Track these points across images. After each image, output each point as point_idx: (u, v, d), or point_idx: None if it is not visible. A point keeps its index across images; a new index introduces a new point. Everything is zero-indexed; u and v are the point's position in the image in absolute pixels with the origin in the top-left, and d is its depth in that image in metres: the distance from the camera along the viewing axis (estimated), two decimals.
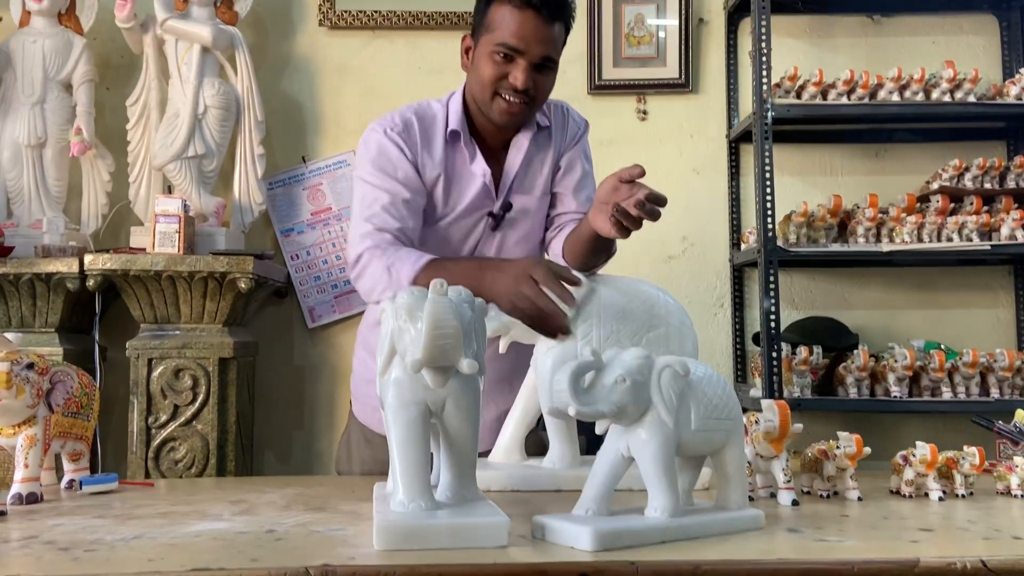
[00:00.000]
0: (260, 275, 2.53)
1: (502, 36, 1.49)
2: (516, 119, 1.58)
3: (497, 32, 1.49)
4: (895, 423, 2.76)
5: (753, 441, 1.30)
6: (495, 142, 1.65)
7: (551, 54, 1.52)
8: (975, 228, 2.58)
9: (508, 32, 1.48)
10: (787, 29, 2.96)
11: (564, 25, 1.55)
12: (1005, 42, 2.96)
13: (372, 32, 2.96)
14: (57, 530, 1.09)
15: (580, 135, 1.72)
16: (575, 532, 1.00)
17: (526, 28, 1.47)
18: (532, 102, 1.55)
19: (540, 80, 1.53)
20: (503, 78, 1.51)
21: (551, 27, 1.50)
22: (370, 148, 1.59)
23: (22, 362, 1.26)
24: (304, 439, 2.90)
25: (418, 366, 1.00)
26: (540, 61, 1.51)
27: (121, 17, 2.63)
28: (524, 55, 1.49)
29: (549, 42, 1.50)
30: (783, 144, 2.86)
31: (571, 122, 1.72)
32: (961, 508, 1.28)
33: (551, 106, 1.70)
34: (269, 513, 1.20)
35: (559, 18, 1.52)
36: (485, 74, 1.52)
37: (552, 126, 1.69)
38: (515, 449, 1.49)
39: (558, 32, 1.53)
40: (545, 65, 1.52)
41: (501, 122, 1.57)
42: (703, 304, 2.94)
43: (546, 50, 1.50)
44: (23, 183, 2.64)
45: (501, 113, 1.55)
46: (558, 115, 1.70)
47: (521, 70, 1.49)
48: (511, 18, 1.48)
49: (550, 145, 1.68)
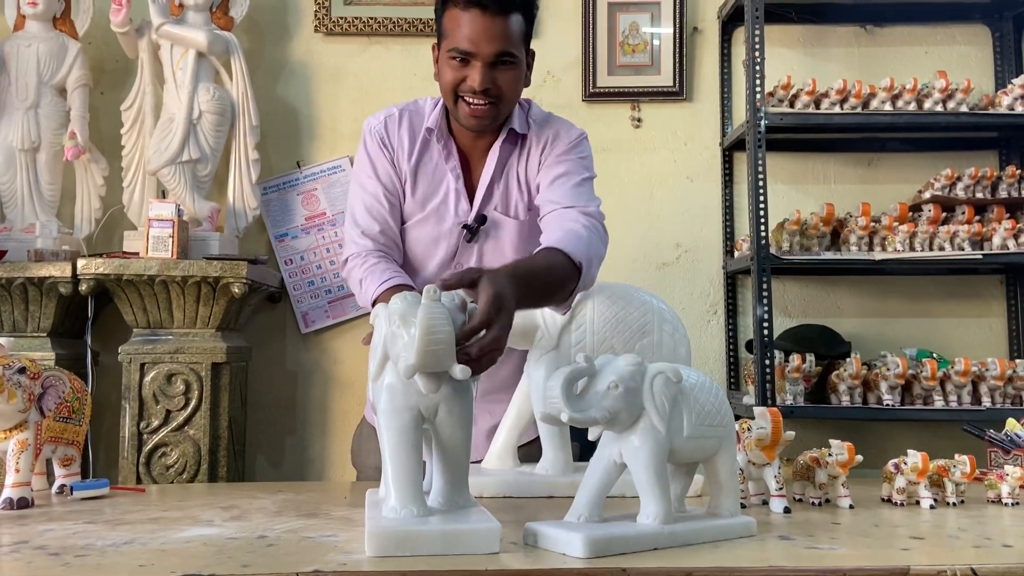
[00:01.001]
0: (254, 280, 2.52)
1: (454, 41, 1.47)
2: (483, 121, 1.53)
3: (450, 38, 1.48)
4: (887, 431, 2.77)
5: (745, 448, 1.30)
6: (474, 151, 1.63)
7: (506, 49, 1.47)
8: (967, 237, 2.60)
9: (459, 36, 1.46)
10: (780, 39, 2.98)
11: (522, 15, 1.50)
12: (997, 52, 2.98)
13: (367, 38, 2.97)
14: (48, 535, 1.09)
15: (570, 143, 1.61)
16: (567, 539, 1.00)
17: (474, 28, 1.45)
18: (498, 100, 1.51)
19: (500, 77, 1.49)
20: (462, 82, 1.49)
21: (502, 21, 1.46)
22: (360, 148, 1.65)
23: (14, 366, 1.25)
24: (297, 444, 2.89)
25: (411, 371, 1.00)
26: (494, 59, 1.47)
27: (116, 22, 2.63)
28: (477, 56, 1.46)
29: (501, 38, 1.46)
30: (776, 152, 2.87)
31: (555, 132, 1.63)
32: (952, 516, 1.29)
33: (539, 118, 1.65)
34: (261, 519, 1.20)
35: (510, 9, 1.46)
36: (446, 80, 1.51)
37: (532, 135, 1.62)
38: (508, 455, 1.49)
39: (514, 24, 1.48)
40: (502, 61, 1.48)
41: (469, 125, 1.55)
42: (696, 311, 2.94)
43: (499, 46, 1.46)
44: (16, 187, 2.63)
45: (467, 116, 1.53)
46: (542, 129, 1.63)
47: (476, 71, 1.47)
48: (459, 21, 1.46)
49: (525, 156, 1.62)
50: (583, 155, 1.63)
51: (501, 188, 1.62)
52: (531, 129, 1.63)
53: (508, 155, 1.62)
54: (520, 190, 1.63)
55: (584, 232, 1.45)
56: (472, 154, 1.63)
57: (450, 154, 1.61)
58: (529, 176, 1.63)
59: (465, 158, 1.63)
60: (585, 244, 1.42)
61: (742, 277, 2.93)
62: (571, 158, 1.60)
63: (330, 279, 2.86)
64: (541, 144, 1.62)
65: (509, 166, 1.62)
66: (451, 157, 1.61)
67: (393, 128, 1.62)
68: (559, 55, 2.96)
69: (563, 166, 1.59)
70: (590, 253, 1.42)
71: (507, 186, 1.62)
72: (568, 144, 1.62)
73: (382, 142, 1.61)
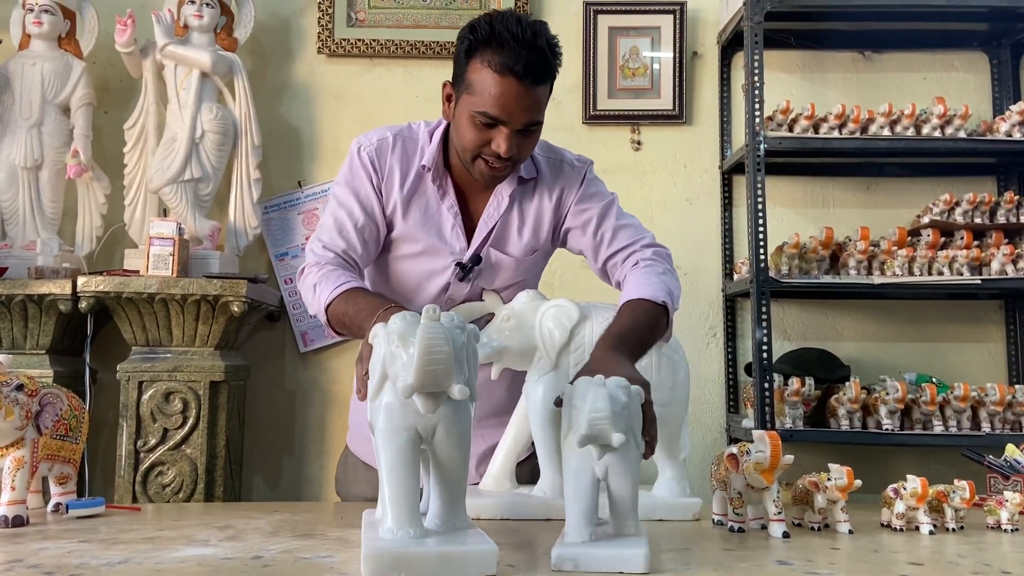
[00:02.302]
0: (253, 299, 2.53)
1: (483, 104, 1.39)
2: (500, 180, 1.53)
3: (478, 97, 1.40)
4: (886, 456, 2.76)
5: (744, 472, 1.30)
6: (472, 188, 1.59)
7: (536, 118, 1.44)
8: (966, 262, 2.60)
9: (489, 100, 1.38)
10: (779, 64, 3.00)
11: (550, 82, 1.46)
12: (995, 79, 3.01)
13: (370, 60, 2.99)
14: (42, 554, 1.08)
15: (582, 180, 1.61)
16: (628, 555, 1.02)
17: (508, 97, 1.38)
18: (518, 161, 1.49)
19: (525, 143, 1.46)
20: (486, 144, 1.43)
21: (535, 91, 1.40)
22: (346, 162, 1.60)
23: (11, 383, 1.25)
24: (294, 464, 2.88)
25: (409, 391, 0.99)
26: (524, 127, 1.43)
27: (121, 42, 2.65)
28: (507, 124, 1.40)
29: (533, 108, 1.41)
30: (775, 176, 2.89)
31: (567, 172, 1.61)
32: (951, 542, 1.28)
33: (545, 157, 1.62)
34: (256, 539, 1.19)
35: (543, 80, 1.42)
36: (467, 138, 1.44)
37: (540, 178, 1.60)
38: (505, 477, 1.49)
39: (542, 93, 1.43)
40: (529, 129, 1.44)
41: (484, 181, 1.52)
42: (696, 334, 2.94)
43: (530, 116, 1.42)
44: (18, 204, 2.64)
45: (483, 175, 1.49)
46: (553, 171, 1.61)
47: (504, 138, 1.41)
48: (492, 84, 1.38)
49: (533, 199, 1.60)
50: (599, 186, 1.64)
51: (501, 229, 1.59)
52: (539, 171, 1.60)
53: (514, 199, 1.59)
54: (522, 230, 1.60)
55: (652, 272, 1.49)
56: (468, 191, 1.59)
57: (446, 193, 1.57)
58: (540, 216, 1.60)
59: (461, 191, 1.59)
60: (657, 281, 1.46)
61: (741, 300, 2.94)
62: (588, 199, 1.60)
63: None
64: (556, 185, 1.60)
65: (513, 208, 1.60)
66: (447, 196, 1.57)
67: (385, 153, 1.57)
68: (560, 78, 2.91)
69: (596, 201, 1.60)
70: (668, 286, 1.46)
71: (509, 227, 1.60)
72: (582, 180, 1.62)
73: (372, 165, 1.56)
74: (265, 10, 2.95)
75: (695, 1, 3.02)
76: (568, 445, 1.10)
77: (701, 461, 2.74)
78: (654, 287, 1.44)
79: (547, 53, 1.41)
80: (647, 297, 1.42)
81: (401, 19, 2.96)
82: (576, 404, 1.08)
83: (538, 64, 1.39)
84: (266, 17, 2.96)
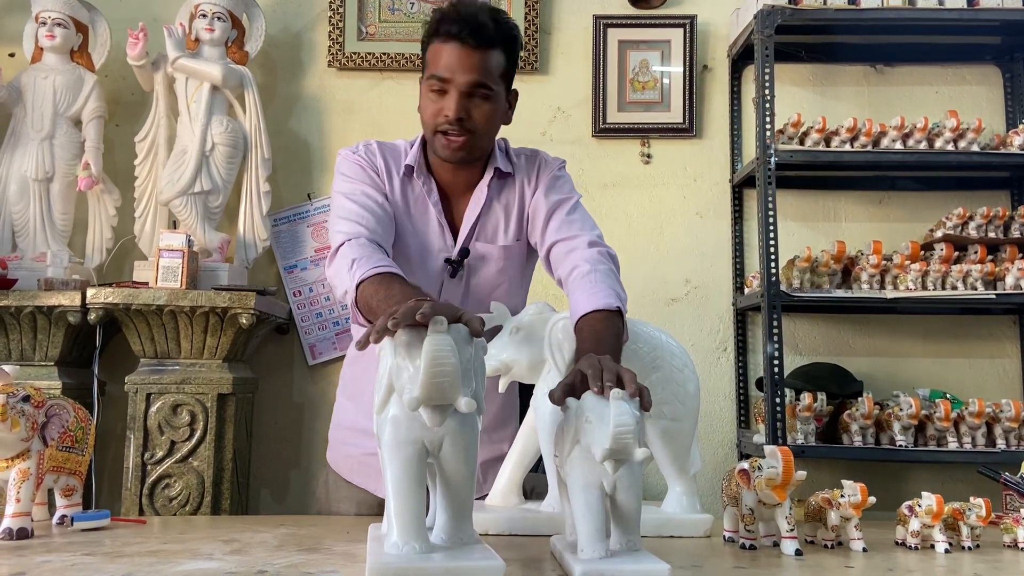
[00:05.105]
0: (262, 311, 2.52)
1: (433, 69, 1.50)
2: (459, 152, 1.54)
3: (430, 67, 1.52)
4: (900, 472, 2.73)
5: (756, 488, 1.28)
6: (455, 188, 1.63)
7: (482, 80, 1.49)
8: (980, 277, 2.58)
9: (437, 64, 1.50)
10: (790, 77, 2.99)
11: (503, 53, 1.52)
12: (1008, 93, 2.99)
13: (380, 73, 3.00)
14: (46, 567, 1.07)
15: (550, 174, 1.65)
16: (652, 570, 1.01)
17: (451, 57, 1.48)
18: (472, 134, 1.52)
19: (474, 108, 1.51)
20: (439, 113, 1.51)
21: (480, 53, 1.48)
22: (340, 166, 1.62)
23: (18, 394, 1.25)
24: (301, 478, 2.87)
25: (416, 404, 0.98)
26: (469, 88, 1.49)
27: (133, 55, 2.67)
28: (452, 83, 1.49)
29: (478, 69, 1.49)
30: (786, 189, 2.87)
31: (540, 164, 1.67)
32: (967, 561, 1.26)
33: (521, 154, 1.67)
34: (261, 553, 1.18)
35: (490, 44, 1.49)
36: (426, 112, 1.54)
37: (516, 172, 1.65)
38: (513, 492, 1.47)
39: (493, 59, 1.50)
40: (477, 93, 1.50)
41: (444, 156, 1.55)
42: (706, 348, 2.92)
43: (475, 76, 1.48)
44: (29, 216, 2.65)
45: (443, 147, 1.54)
46: (528, 162, 1.66)
47: (451, 99, 1.49)
48: (440, 51, 1.50)
49: (514, 191, 1.64)
50: (565, 184, 1.66)
51: (484, 222, 1.63)
52: (516, 166, 1.65)
53: (495, 192, 1.63)
54: (507, 221, 1.63)
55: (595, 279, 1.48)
56: (452, 190, 1.63)
57: (431, 190, 1.61)
58: (522, 206, 1.64)
59: (445, 194, 1.63)
60: (603, 287, 1.45)
61: (752, 314, 2.92)
62: (556, 187, 1.63)
63: (338, 311, 2.86)
64: (532, 175, 1.65)
65: (495, 202, 1.63)
66: (432, 193, 1.61)
67: (374, 155, 1.62)
68: (569, 91, 2.99)
69: (555, 193, 1.62)
70: (615, 289, 1.46)
71: (491, 219, 1.63)
72: (550, 174, 1.65)
73: (369, 163, 1.61)
74: (276, 24, 2.96)
75: (705, 15, 3.02)
76: (575, 460, 1.08)
77: (711, 477, 2.71)
78: (605, 294, 1.43)
79: (488, 19, 1.49)
80: (601, 307, 1.41)
81: (411, 33, 2.97)
82: (591, 419, 1.06)
83: (478, 28, 1.48)
84: (277, 31, 2.97)
